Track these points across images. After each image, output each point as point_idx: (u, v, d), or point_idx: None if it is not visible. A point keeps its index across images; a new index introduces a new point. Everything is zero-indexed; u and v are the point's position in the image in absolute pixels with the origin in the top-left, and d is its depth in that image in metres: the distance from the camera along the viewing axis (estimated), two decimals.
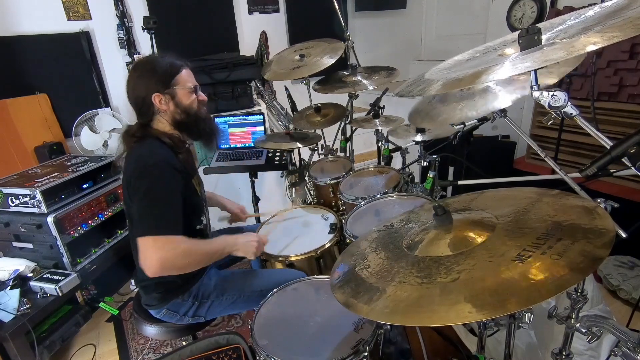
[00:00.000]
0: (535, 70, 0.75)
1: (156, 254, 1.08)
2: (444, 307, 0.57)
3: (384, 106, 1.91)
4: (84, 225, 1.94)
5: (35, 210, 1.76)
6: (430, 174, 1.61)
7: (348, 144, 2.25)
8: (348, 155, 2.29)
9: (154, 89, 1.20)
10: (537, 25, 0.78)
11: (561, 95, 0.73)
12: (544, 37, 0.78)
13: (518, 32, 0.81)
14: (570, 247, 0.59)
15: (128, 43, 2.75)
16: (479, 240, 0.71)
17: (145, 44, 2.79)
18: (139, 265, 1.31)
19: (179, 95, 1.24)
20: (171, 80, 1.22)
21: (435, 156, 1.61)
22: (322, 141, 2.22)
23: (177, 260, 1.11)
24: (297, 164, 2.22)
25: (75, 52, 2.61)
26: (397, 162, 1.99)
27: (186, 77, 1.26)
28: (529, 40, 0.77)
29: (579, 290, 0.83)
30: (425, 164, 1.66)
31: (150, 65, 1.23)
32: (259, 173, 2.34)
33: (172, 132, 1.27)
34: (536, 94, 0.76)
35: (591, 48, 0.60)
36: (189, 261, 1.15)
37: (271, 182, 3.09)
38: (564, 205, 0.73)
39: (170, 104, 1.23)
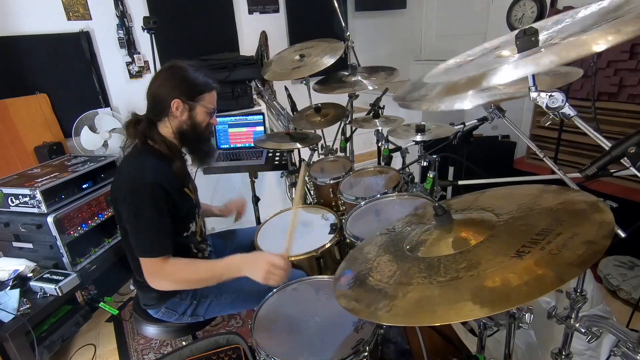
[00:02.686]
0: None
1: (157, 277, 1.19)
2: (444, 306, 0.57)
3: (384, 106, 1.91)
4: (83, 225, 1.94)
5: (35, 210, 1.76)
6: (430, 174, 1.62)
7: (348, 144, 2.25)
8: (348, 155, 2.29)
9: (178, 95, 1.22)
10: (533, 25, 0.77)
11: (559, 96, 0.72)
12: (541, 37, 0.78)
13: (515, 32, 0.79)
14: (569, 242, 0.59)
15: (128, 43, 2.74)
16: (479, 238, 0.71)
17: (145, 44, 2.78)
18: (135, 267, 1.31)
19: (196, 110, 1.27)
20: (198, 96, 1.26)
21: (435, 156, 1.62)
22: (322, 141, 2.22)
23: (176, 285, 1.23)
24: (297, 164, 2.22)
25: (75, 52, 2.61)
26: (397, 162, 1.99)
27: (211, 98, 1.30)
28: (526, 41, 0.75)
29: (578, 290, 0.83)
30: (425, 164, 1.66)
31: (184, 73, 1.26)
32: (259, 173, 2.34)
33: (173, 140, 1.29)
34: (534, 94, 0.74)
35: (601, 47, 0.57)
36: (188, 285, 1.26)
37: (271, 182, 3.09)
38: (563, 201, 0.73)
39: (185, 114, 1.26)
